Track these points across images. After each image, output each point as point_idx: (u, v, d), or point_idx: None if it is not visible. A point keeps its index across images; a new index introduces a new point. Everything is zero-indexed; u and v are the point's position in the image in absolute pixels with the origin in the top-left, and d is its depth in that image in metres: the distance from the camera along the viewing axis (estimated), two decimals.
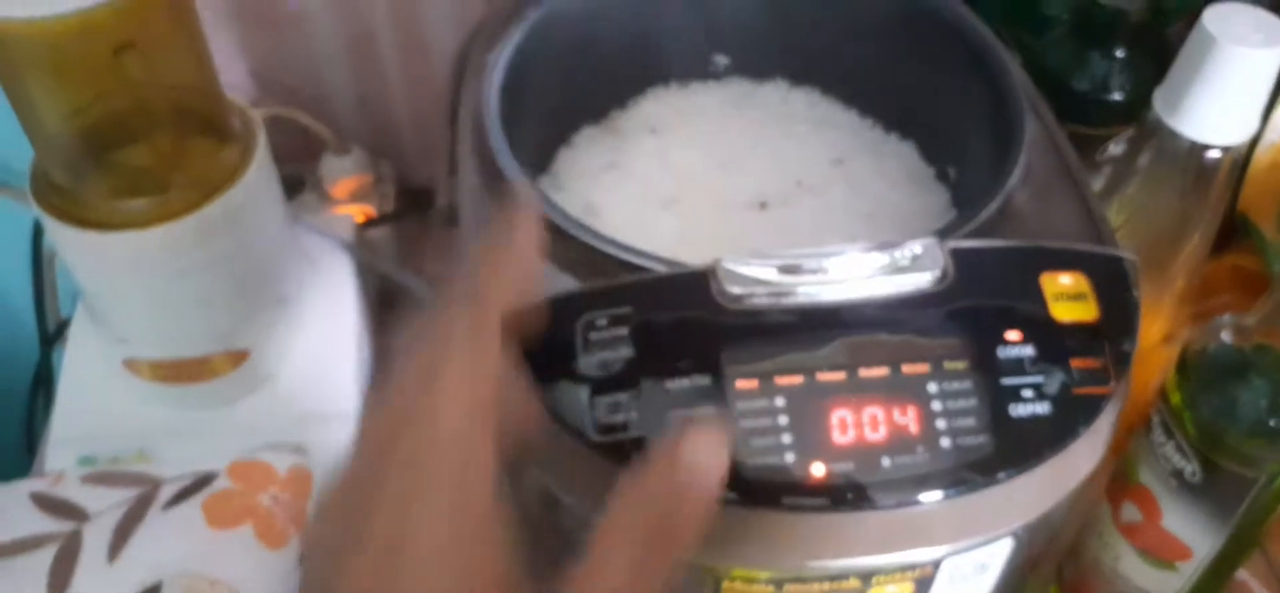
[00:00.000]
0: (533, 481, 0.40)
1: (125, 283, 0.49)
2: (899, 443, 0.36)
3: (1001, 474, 0.36)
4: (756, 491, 0.35)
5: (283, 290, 0.56)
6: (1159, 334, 0.52)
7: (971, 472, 0.35)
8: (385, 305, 0.68)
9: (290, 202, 0.60)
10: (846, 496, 0.35)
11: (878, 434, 0.36)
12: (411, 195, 0.75)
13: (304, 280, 0.59)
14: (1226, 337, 0.41)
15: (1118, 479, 0.45)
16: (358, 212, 0.70)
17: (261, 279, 0.54)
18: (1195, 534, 0.42)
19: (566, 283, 0.39)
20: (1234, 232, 0.55)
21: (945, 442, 0.35)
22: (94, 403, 0.54)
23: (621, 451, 0.36)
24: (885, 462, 0.35)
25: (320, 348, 0.58)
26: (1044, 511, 0.38)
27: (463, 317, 0.24)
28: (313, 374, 0.57)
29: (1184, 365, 0.41)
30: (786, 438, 0.35)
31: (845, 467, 0.35)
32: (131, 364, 0.53)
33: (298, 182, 0.72)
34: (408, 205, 0.74)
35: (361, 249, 0.66)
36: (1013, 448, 0.36)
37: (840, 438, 0.36)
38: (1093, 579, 0.48)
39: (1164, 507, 0.42)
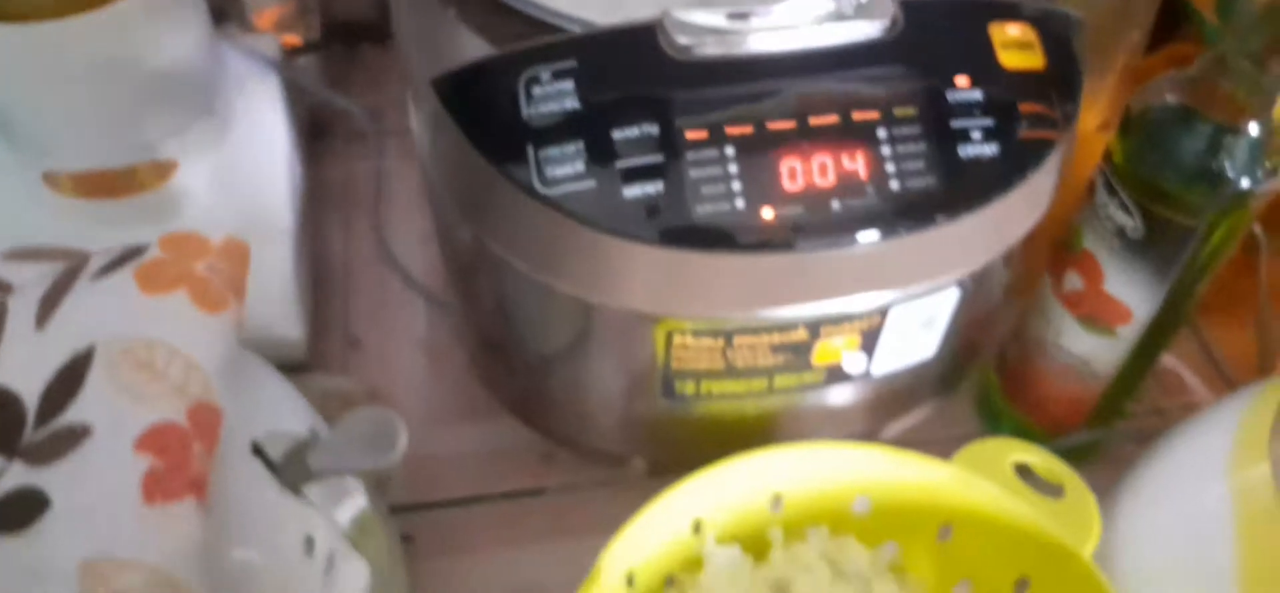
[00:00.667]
0: (476, 243, 0.39)
1: (43, 84, 0.47)
2: (848, 187, 0.35)
3: (948, 214, 0.36)
4: (707, 236, 0.35)
5: (209, 104, 0.54)
6: (1097, 120, 0.52)
7: (919, 211, 0.36)
8: (315, 136, 0.66)
9: (215, 30, 0.57)
10: (795, 237, 0.35)
11: (827, 180, 0.36)
12: (338, 27, 0.72)
13: (231, 99, 0.57)
14: (1169, 97, 0.41)
15: (1060, 250, 0.46)
16: (284, 40, 0.68)
17: (186, 89, 0.52)
18: (1135, 294, 0.43)
19: None
20: (1174, 23, 0.56)
21: (894, 184, 0.35)
22: (11, 224, 0.51)
23: (567, 205, 0.35)
24: (834, 205, 0.35)
25: (251, 167, 0.56)
26: (990, 258, 0.38)
27: None
28: (244, 193, 0.55)
29: (1127, 123, 0.41)
30: (737, 186, 0.35)
31: (794, 211, 0.35)
32: (51, 179, 0.51)
33: (221, 12, 0.69)
34: (334, 36, 0.71)
35: (289, 74, 0.63)
36: (961, 189, 0.36)
37: (790, 185, 0.35)
38: (1033, 359, 0.49)
39: (1106, 269, 0.43)
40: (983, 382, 0.55)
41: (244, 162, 0.56)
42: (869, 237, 0.35)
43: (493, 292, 0.42)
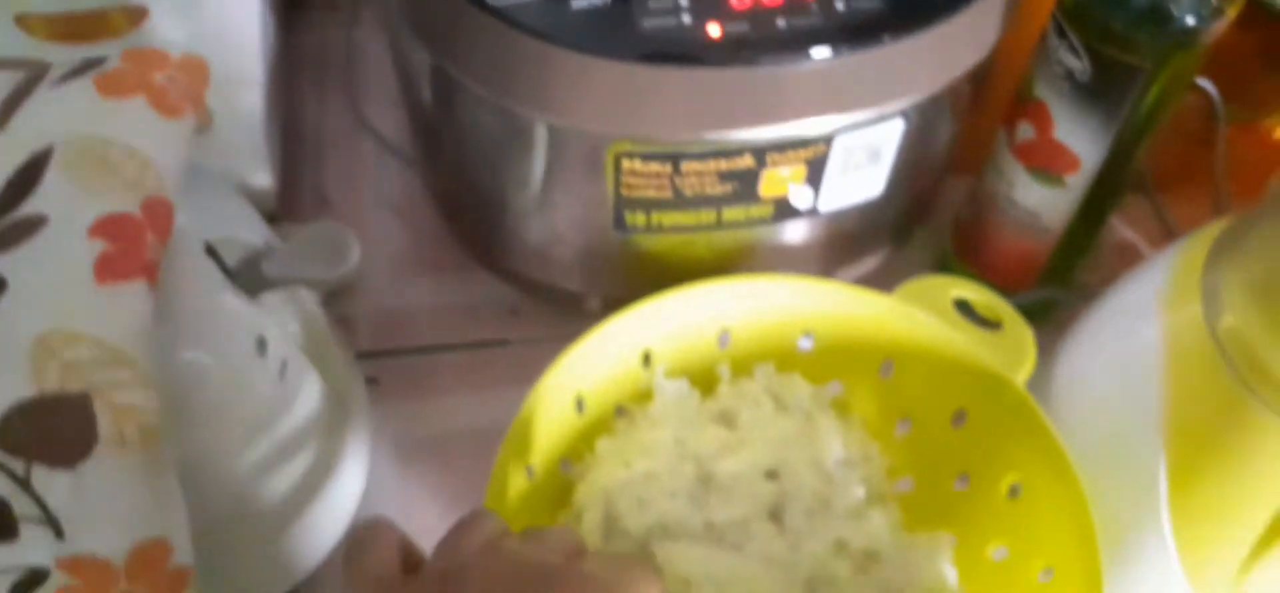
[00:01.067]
0: (435, 72, 0.39)
1: None
2: (794, 4, 0.36)
3: (894, 34, 0.36)
4: (654, 50, 0.35)
5: None
6: None
7: (864, 30, 0.36)
8: (292, 3, 0.66)
9: None
10: (741, 53, 0.36)
11: None
12: None
13: None
14: None
15: (1014, 104, 0.46)
16: None
17: None
18: (1084, 142, 0.44)
19: None
20: None
21: (840, 3, 0.36)
22: None
23: (517, 17, 0.36)
24: (780, 22, 0.36)
25: (223, 18, 0.56)
26: (934, 88, 0.39)
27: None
28: (215, 43, 0.55)
29: None
30: (684, 1, 0.36)
31: (741, 27, 0.36)
32: (23, 21, 0.51)
33: None
34: None
35: None
36: (906, 10, 0.36)
37: (737, 1, 0.36)
38: (986, 215, 0.50)
39: (1056, 116, 0.44)
40: (938, 246, 0.56)
41: (216, 12, 0.56)
42: (815, 54, 0.36)
43: (452, 127, 0.43)
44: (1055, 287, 0.52)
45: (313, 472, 0.41)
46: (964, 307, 0.42)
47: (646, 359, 0.43)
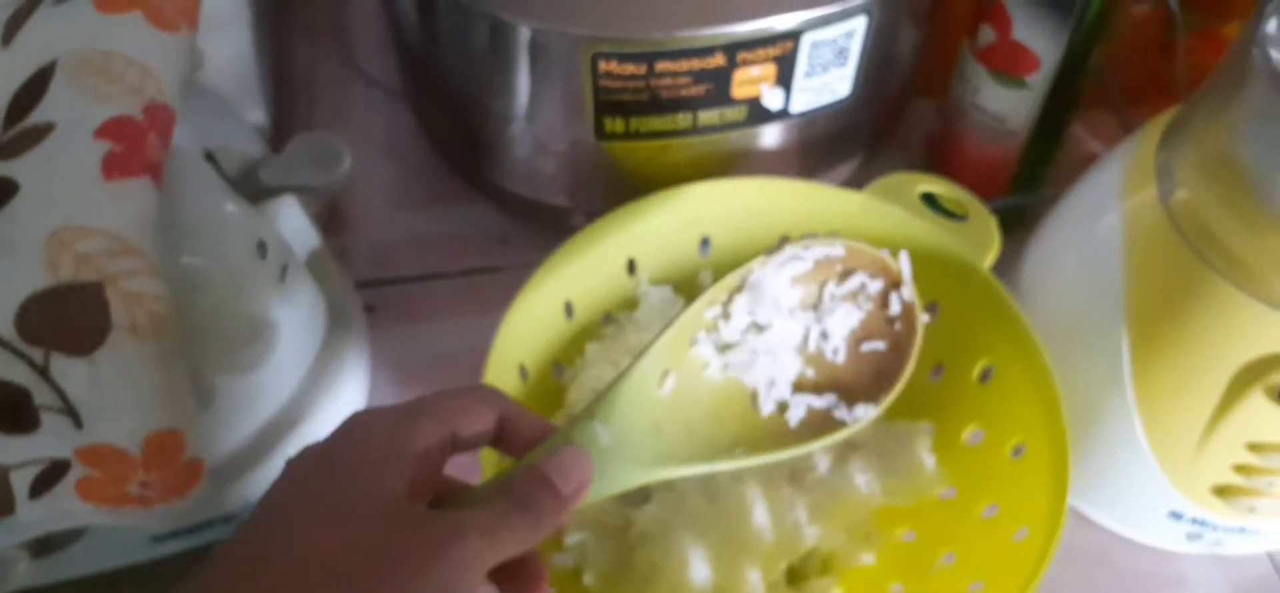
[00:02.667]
0: None
1: None
2: None
3: None
4: None
5: None
6: None
7: None
8: None
9: None
10: None
11: None
12: None
13: None
14: None
15: (976, 8, 0.48)
16: None
17: None
18: (1042, 40, 0.46)
19: None
20: None
21: None
22: None
23: None
24: None
25: None
26: None
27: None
28: None
29: None
30: None
31: None
32: None
33: None
34: None
35: None
36: None
37: None
38: (955, 124, 0.52)
39: (1014, 15, 0.46)
40: (912, 165, 0.58)
41: None
42: None
43: (437, 44, 0.45)
44: (1024, 193, 0.54)
45: (314, 379, 0.43)
46: (932, 202, 0.44)
47: (631, 267, 0.45)
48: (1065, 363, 0.40)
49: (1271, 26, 0.35)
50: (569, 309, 0.44)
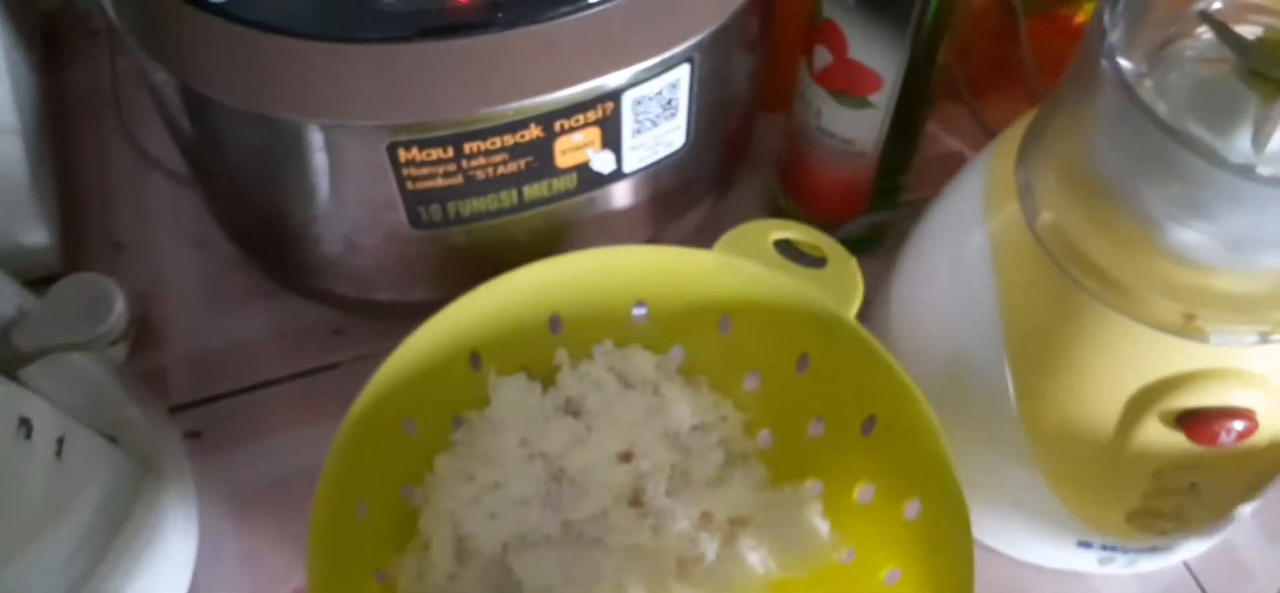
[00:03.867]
0: (176, 86, 0.36)
1: None
2: None
3: None
4: (401, 28, 0.33)
5: None
6: None
7: None
8: (49, 42, 0.61)
9: None
10: (497, 14, 0.33)
11: None
12: None
13: None
14: None
15: (807, 31, 0.45)
16: None
17: None
18: (880, 57, 0.43)
19: None
20: None
21: None
22: None
23: (240, 12, 0.32)
24: None
25: None
26: (715, 24, 0.37)
27: None
28: None
29: None
30: None
31: None
32: None
33: None
34: None
35: None
36: None
37: None
38: (802, 149, 0.49)
39: (848, 35, 0.43)
40: (766, 187, 0.55)
41: None
42: (583, 4, 0.33)
43: (217, 147, 0.39)
44: (884, 209, 0.51)
45: (124, 551, 0.38)
46: (788, 248, 0.41)
47: (474, 360, 0.41)
48: (947, 403, 0.37)
49: (1116, 34, 0.32)
50: (409, 424, 0.39)
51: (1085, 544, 0.41)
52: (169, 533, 0.41)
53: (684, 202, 0.47)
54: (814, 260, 0.40)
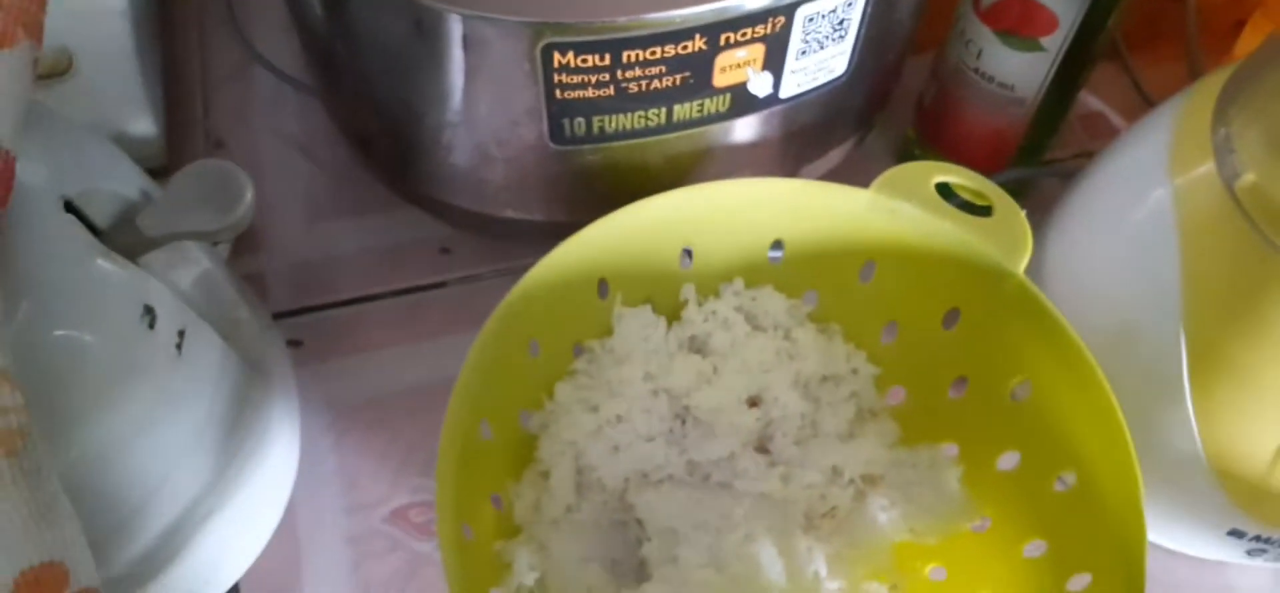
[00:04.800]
0: None
1: None
2: None
3: None
4: None
5: None
6: None
7: None
8: None
9: None
10: None
11: None
12: None
13: None
14: None
15: None
16: None
17: None
18: None
19: None
20: None
21: None
22: None
23: None
24: None
25: None
26: None
27: None
28: None
29: None
30: None
31: None
32: None
33: None
34: None
35: None
36: None
37: None
38: (953, 92, 0.46)
39: None
40: (898, 134, 0.52)
41: None
42: None
43: (351, 39, 0.37)
44: (1030, 164, 0.48)
45: (235, 455, 0.36)
46: (946, 193, 0.38)
47: (602, 288, 0.38)
48: (1107, 372, 0.34)
49: None
50: (533, 346, 0.37)
51: (1237, 534, 0.38)
52: (274, 442, 0.39)
53: (824, 140, 0.44)
54: (975, 209, 0.37)
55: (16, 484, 0.26)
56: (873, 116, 0.46)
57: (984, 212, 0.37)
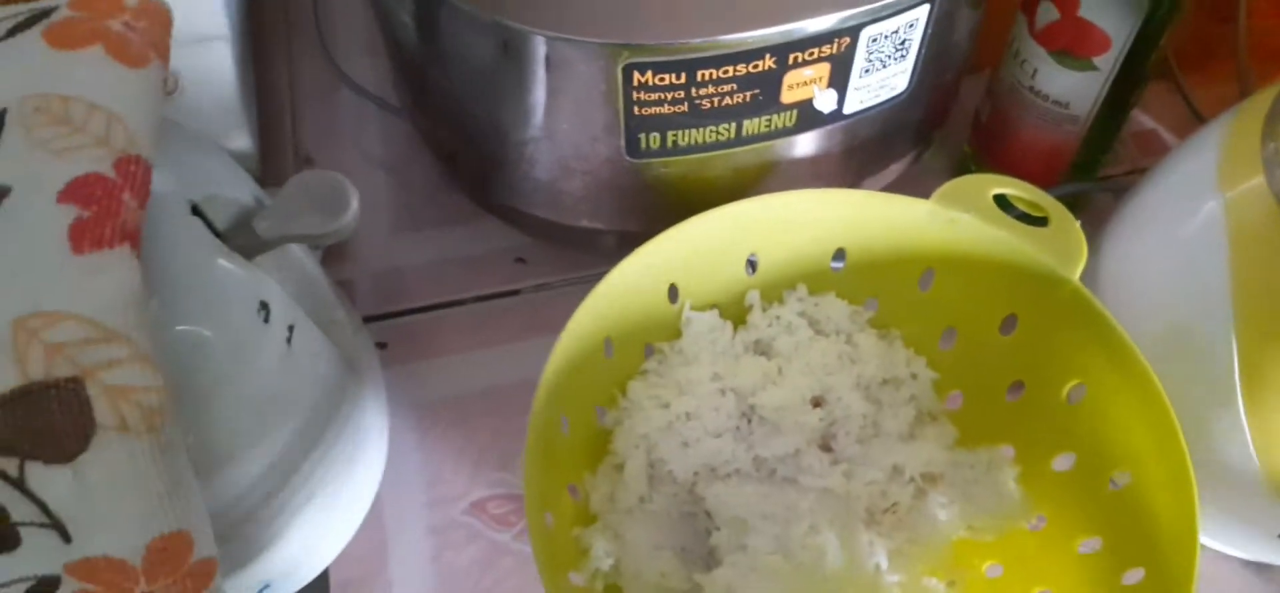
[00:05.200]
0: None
1: None
2: None
3: None
4: None
5: None
6: None
7: None
8: None
9: None
10: None
11: None
12: None
13: None
14: None
15: None
16: None
17: None
18: (1112, 16, 0.41)
19: None
20: None
21: None
22: None
23: None
24: None
25: None
26: None
27: None
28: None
29: None
30: None
31: None
32: None
33: None
34: None
35: None
36: None
37: None
38: (1009, 110, 0.48)
39: None
40: (955, 150, 0.53)
41: None
42: None
43: (440, 57, 0.40)
44: (1083, 180, 0.50)
45: (332, 445, 0.39)
46: (1003, 205, 0.40)
47: (673, 294, 0.41)
48: (1160, 377, 0.36)
49: None
50: (608, 346, 0.39)
51: None
52: (367, 435, 0.42)
53: (885, 155, 0.46)
54: (1032, 220, 0.39)
55: (154, 460, 0.29)
56: (931, 133, 0.48)
57: (1040, 222, 0.39)
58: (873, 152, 0.44)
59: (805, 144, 0.41)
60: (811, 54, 0.36)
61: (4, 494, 0.28)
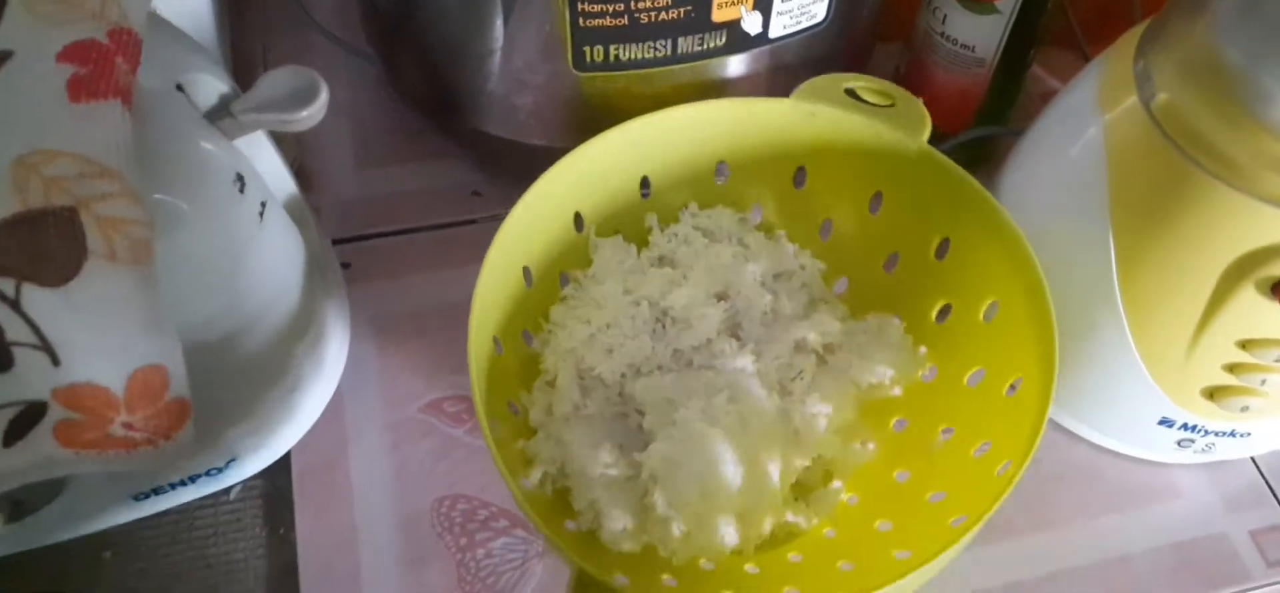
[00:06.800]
0: None
1: None
2: None
3: None
4: None
5: None
6: None
7: None
8: None
9: None
10: None
11: None
12: None
13: None
14: None
15: None
16: None
17: None
18: None
19: None
20: None
21: None
22: None
23: None
24: None
25: None
26: None
27: None
28: None
29: None
30: None
31: None
32: None
33: None
34: None
35: None
36: None
37: None
38: (923, 55, 0.53)
39: None
40: None
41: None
42: None
43: None
44: (993, 122, 0.54)
45: (296, 325, 0.42)
46: (855, 99, 0.44)
47: (578, 222, 0.45)
48: (1053, 284, 0.40)
49: None
50: (527, 275, 0.43)
51: (1166, 422, 0.44)
52: (331, 328, 0.45)
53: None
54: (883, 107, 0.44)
55: (140, 291, 0.32)
56: (856, 68, 0.53)
57: (889, 106, 0.44)
58: (798, 80, 0.48)
59: (736, 66, 0.46)
60: None
61: (1, 313, 0.31)
